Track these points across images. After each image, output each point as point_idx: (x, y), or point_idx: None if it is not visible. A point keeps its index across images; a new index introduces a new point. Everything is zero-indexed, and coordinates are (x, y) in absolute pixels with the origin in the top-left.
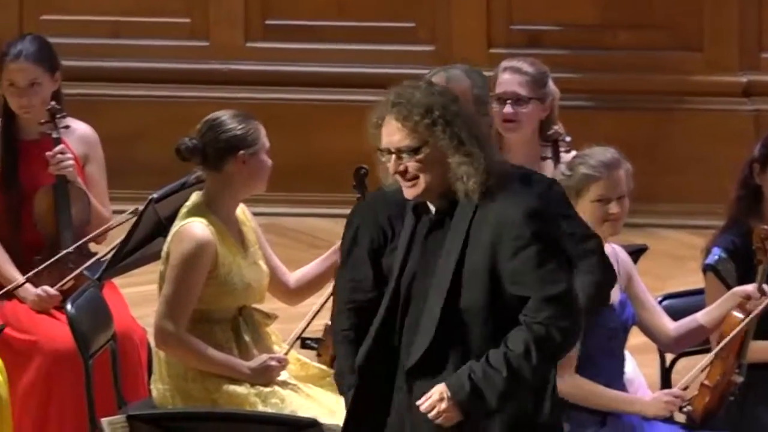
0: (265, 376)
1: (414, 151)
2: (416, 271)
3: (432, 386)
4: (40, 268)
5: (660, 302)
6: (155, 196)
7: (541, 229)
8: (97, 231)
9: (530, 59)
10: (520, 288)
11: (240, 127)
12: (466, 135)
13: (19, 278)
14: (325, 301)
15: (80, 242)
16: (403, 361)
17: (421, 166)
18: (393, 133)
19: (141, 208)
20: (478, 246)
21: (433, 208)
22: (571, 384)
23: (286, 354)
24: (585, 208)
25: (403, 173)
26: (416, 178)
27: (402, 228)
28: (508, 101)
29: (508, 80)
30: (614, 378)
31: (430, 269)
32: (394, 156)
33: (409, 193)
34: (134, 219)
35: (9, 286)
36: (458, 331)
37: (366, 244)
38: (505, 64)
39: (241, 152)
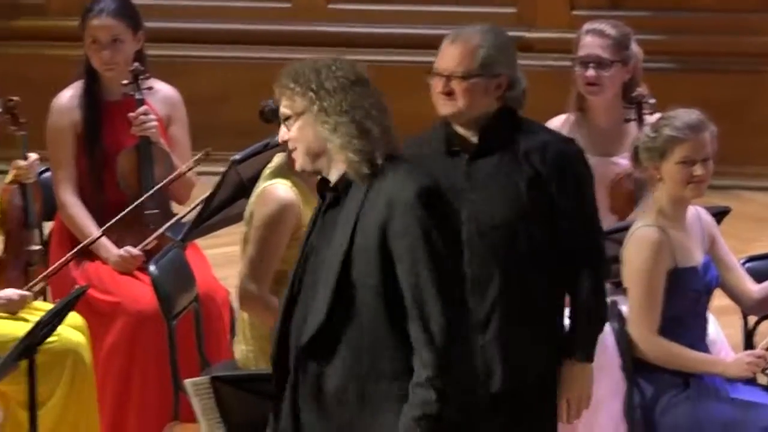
0: None
1: (287, 119)
2: (312, 250)
3: (324, 366)
4: (115, 219)
5: (743, 264)
6: (237, 157)
7: (429, 212)
8: (167, 179)
9: (613, 21)
10: (402, 275)
11: None
12: (347, 116)
13: (108, 243)
14: None
15: (153, 190)
16: (295, 340)
17: (295, 136)
18: (280, 101)
19: (225, 169)
20: (368, 225)
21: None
22: (654, 346)
23: None
24: (669, 170)
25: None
26: (294, 148)
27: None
28: (591, 64)
29: (590, 43)
30: (697, 340)
31: (323, 248)
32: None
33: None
34: (216, 179)
35: (86, 241)
36: (351, 311)
37: None
38: (587, 26)
39: None
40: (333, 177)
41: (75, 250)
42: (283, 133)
